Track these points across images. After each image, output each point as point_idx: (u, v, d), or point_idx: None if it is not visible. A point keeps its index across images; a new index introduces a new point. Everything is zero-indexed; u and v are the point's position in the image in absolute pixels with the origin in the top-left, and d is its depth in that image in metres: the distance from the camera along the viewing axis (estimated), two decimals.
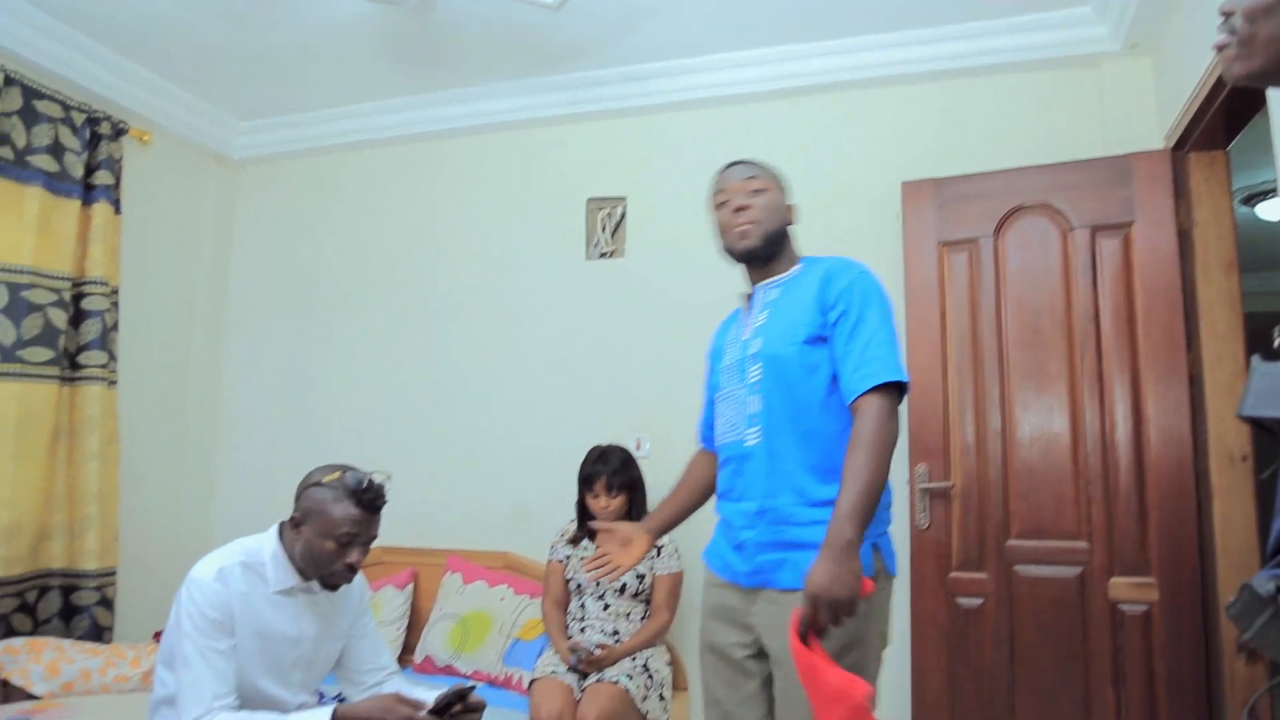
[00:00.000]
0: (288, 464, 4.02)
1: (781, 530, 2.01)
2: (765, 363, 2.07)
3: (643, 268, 3.80)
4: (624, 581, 3.19)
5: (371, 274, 4.28)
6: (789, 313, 2.09)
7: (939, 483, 3.16)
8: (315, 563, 2.13)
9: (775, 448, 2.03)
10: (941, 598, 3.13)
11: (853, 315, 2.00)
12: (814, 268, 2.14)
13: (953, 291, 3.24)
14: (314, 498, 2.13)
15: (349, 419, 4.22)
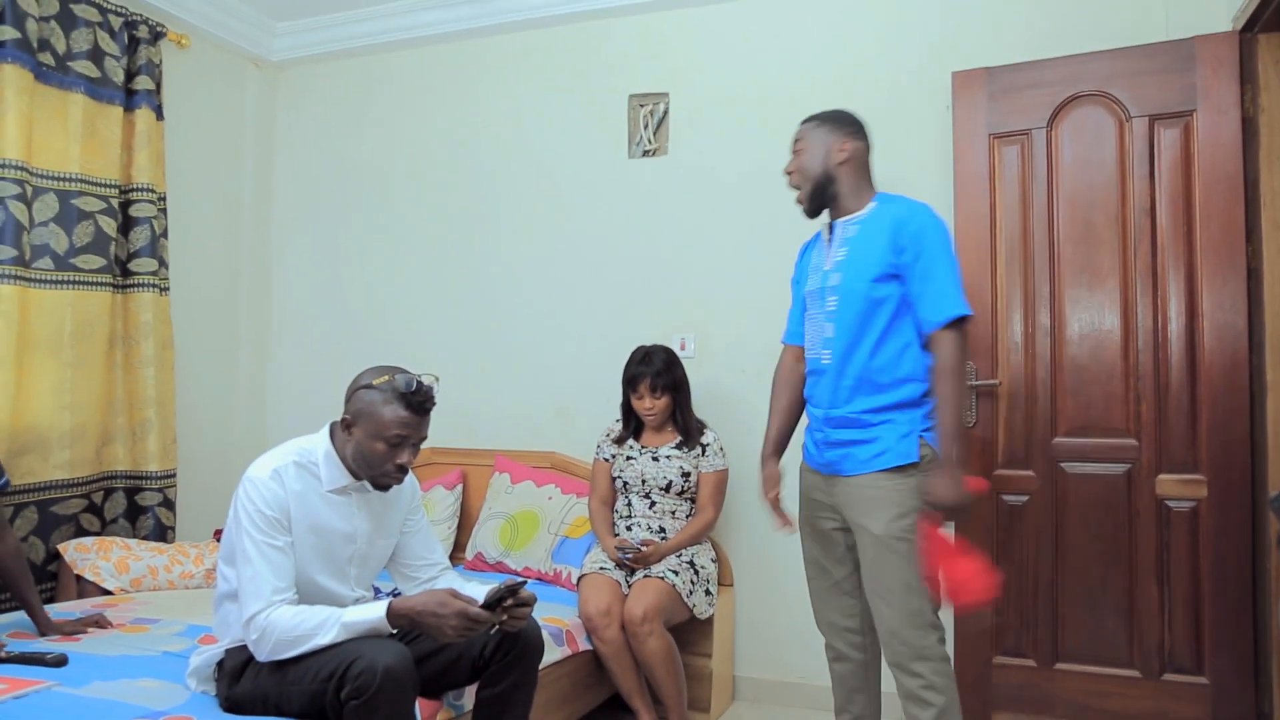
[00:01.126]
0: (337, 366, 4.13)
1: (845, 431, 2.39)
2: (841, 296, 2.39)
3: (686, 166, 3.76)
4: (669, 479, 3.23)
5: (414, 175, 4.26)
6: (864, 252, 2.37)
7: (986, 380, 3.15)
8: (367, 463, 2.15)
9: (843, 367, 2.38)
10: (990, 496, 3.13)
11: (925, 258, 2.30)
12: (887, 209, 2.40)
13: (1004, 185, 3.19)
14: (364, 400, 2.14)
15: (395, 321, 4.24)
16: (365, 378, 2.18)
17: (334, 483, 2.18)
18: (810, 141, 2.48)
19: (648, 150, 3.83)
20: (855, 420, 2.37)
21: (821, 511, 2.52)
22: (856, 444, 2.37)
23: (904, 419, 2.34)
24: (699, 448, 3.29)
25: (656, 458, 3.29)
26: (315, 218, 4.47)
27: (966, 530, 3.08)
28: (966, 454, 3.15)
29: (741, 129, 3.66)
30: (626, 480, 3.31)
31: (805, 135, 2.50)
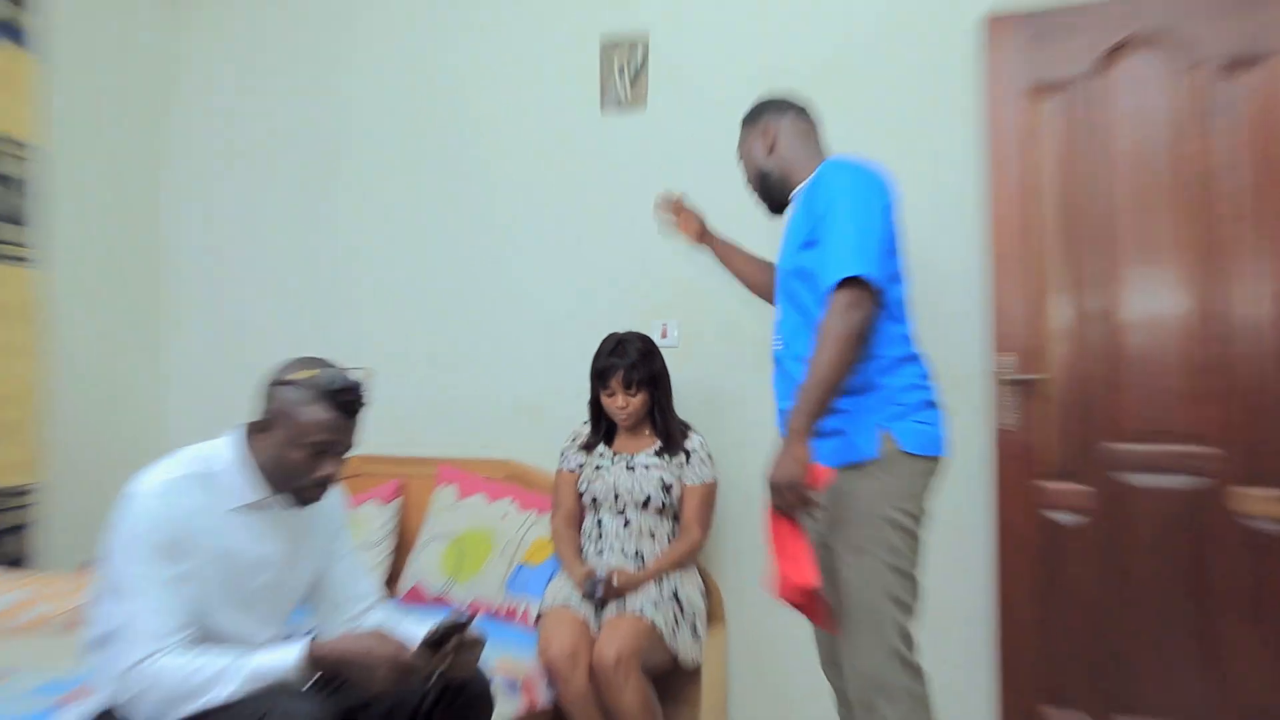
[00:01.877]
0: (249, 357, 4.12)
1: None
2: (780, 275, 2.51)
3: (668, 123, 3.71)
4: (647, 493, 3.19)
5: (345, 131, 4.17)
6: (793, 224, 2.49)
7: (1027, 375, 3.09)
8: (285, 474, 2.13)
9: (794, 352, 2.43)
10: (1032, 512, 3.08)
11: (827, 215, 2.33)
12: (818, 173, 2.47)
13: (1044, 145, 3.12)
14: (282, 398, 2.11)
15: (321, 303, 4.19)
16: (284, 371, 2.16)
17: (243, 497, 2.14)
18: (742, 150, 2.68)
19: (623, 103, 3.78)
20: None
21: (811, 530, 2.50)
22: (818, 437, 2.34)
23: (861, 407, 2.33)
24: (682, 455, 3.24)
25: (632, 467, 3.23)
26: (224, 179, 4.35)
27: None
28: (1003, 459, 3.11)
29: (736, 79, 3.55)
30: (596, 495, 3.24)
31: (739, 145, 2.70)
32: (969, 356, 3.21)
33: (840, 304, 2.24)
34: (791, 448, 2.22)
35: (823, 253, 2.31)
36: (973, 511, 3.18)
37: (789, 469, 2.21)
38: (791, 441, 2.22)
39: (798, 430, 2.22)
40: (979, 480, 3.16)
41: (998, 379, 3.10)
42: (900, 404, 2.34)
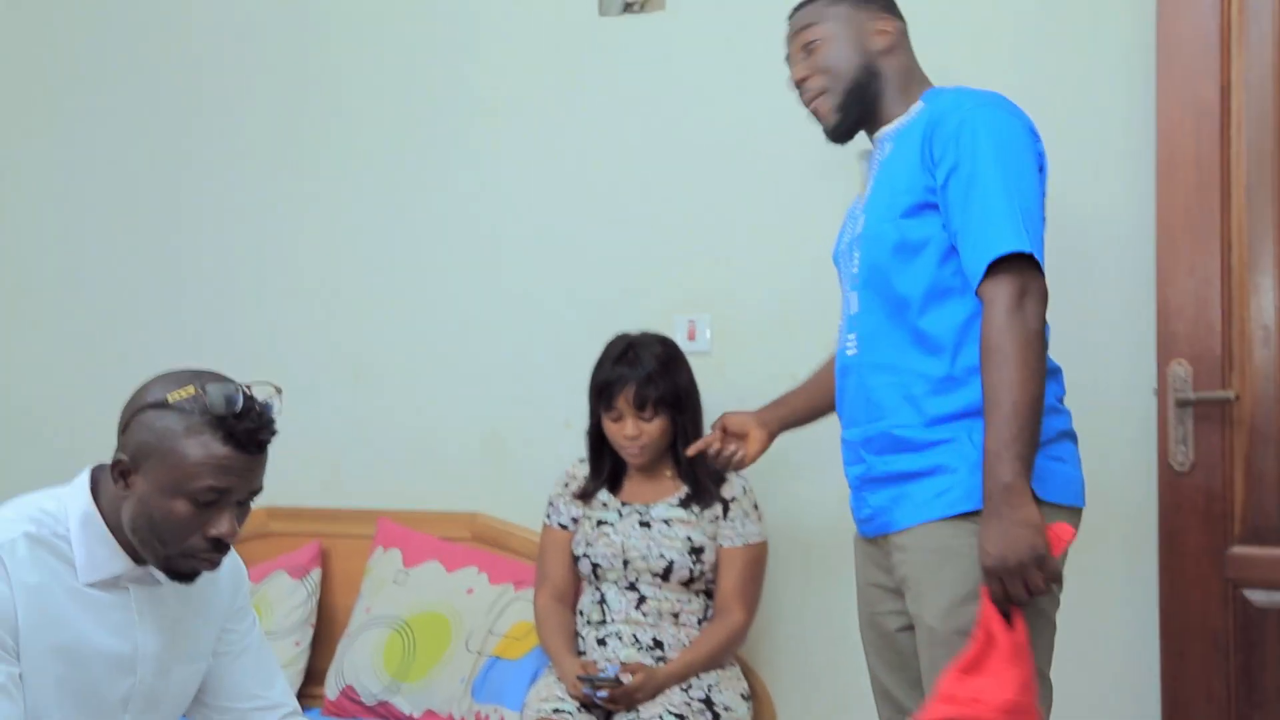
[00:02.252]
0: (103, 372, 4.06)
1: (891, 461, 2.47)
2: (864, 249, 2.54)
3: (694, 30, 3.70)
4: (669, 558, 3.19)
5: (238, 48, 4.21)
6: (892, 176, 2.51)
7: (1209, 392, 3.06)
8: (159, 535, 2.11)
9: (876, 358, 2.49)
10: (1216, 587, 3.05)
11: (964, 171, 2.36)
12: (929, 109, 2.51)
13: (1247, 49, 3.08)
14: (153, 428, 2.10)
15: (205, 293, 4.20)
16: (154, 390, 2.15)
17: (97, 570, 2.14)
18: (829, 26, 2.60)
19: (631, 3, 3.78)
20: (903, 441, 2.44)
21: (883, 602, 2.58)
22: (910, 478, 2.42)
23: (974, 435, 2.35)
24: (718, 506, 3.27)
25: (647, 523, 3.25)
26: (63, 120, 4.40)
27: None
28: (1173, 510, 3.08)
29: None
30: (597, 561, 3.26)
31: (818, 17, 2.62)
32: (1121, 365, 3.20)
33: (1009, 295, 2.28)
34: (1015, 509, 2.21)
35: (969, 222, 2.34)
36: (1129, 586, 3.17)
37: (1023, 540, 2.20)
38: (1012, 500, 2.21)
39: (1013, 484, 2.21)
40: (1138, 542, 3.16)
41: (1169, 398, 3.07)
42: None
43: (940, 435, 2.39)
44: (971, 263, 2.33)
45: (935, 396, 2.40)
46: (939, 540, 2.36)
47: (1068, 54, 3.27)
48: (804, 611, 3.51)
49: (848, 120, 2.61)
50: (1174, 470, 3.08)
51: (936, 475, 2.38)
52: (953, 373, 2.39)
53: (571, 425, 3.49)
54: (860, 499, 2.56)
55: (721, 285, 3.64)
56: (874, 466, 2.49)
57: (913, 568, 2.41)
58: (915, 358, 2.43)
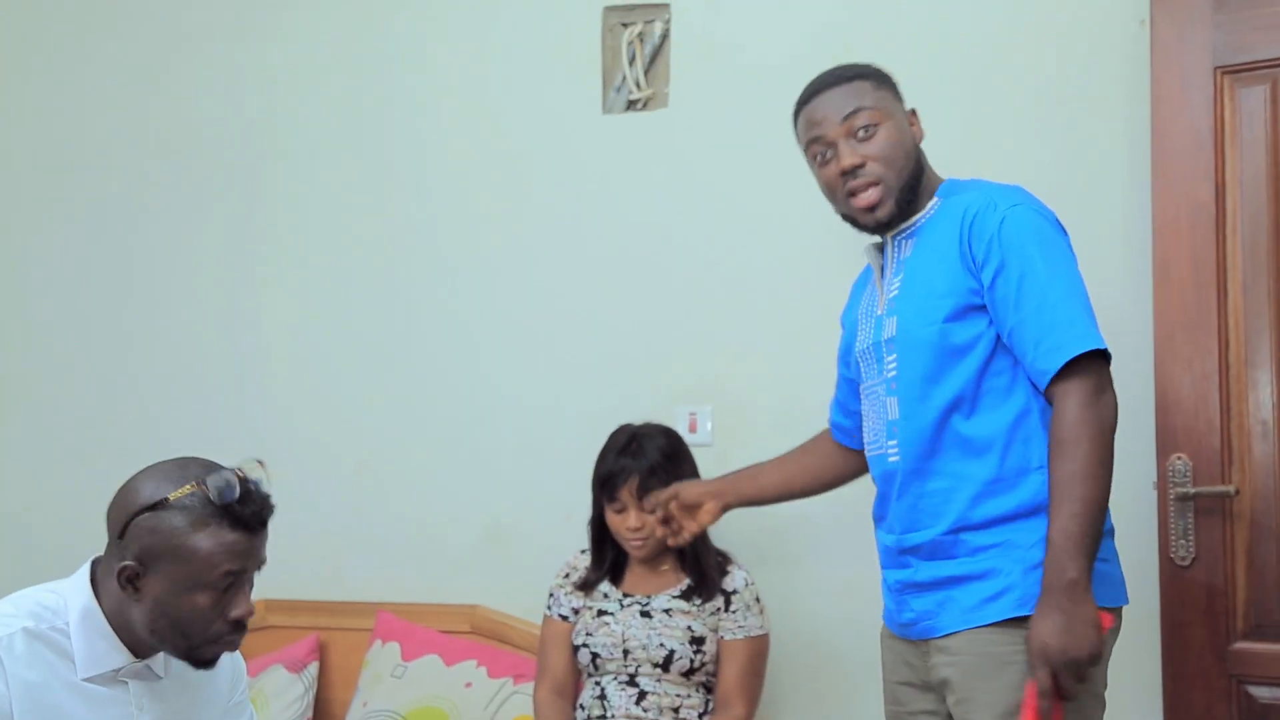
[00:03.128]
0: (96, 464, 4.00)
1: (936, 565, 2.45)
2: (902, 352, 2.50)
3: (696, 126, 3.73)
4: (670, 649, 3.17)
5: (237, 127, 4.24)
6: (926, 278, 2.49)
7: (1209, 487, 3.05)
8: (182, 631, 2.13)
9: (921, 465, 2.46)
10: (1219, 683, 3.02)
11: (1014, 269, 2.36)
12: (953, 204, 2.50)
13: (1240, 149, 3.10)
14: (158, 530, 2.10)
15: (208, 390, 4.21)
16: (147, 490, 2.15)
17: (96, 665, 2.14)
18: (883, 111, 2.57)
19: (635, 100, 3.83)
20: (952, 545, 2.43)
21: (914, 701, 2.56)
22: (957, 582, 2.41)
23: (1030, 537, 2.36)
24: (720, 597, 3.25)
25: (648, 613, 3.24)
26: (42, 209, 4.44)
27: None
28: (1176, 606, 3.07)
29: (789, 67, 3.44)
30: (598, 652, 3.24)
31: (869, 100, 2.56)
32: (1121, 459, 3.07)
33: (1086, 389, 2.29)
34: (1078, 605, 2.21)
35: (1032, 321, 2.34)
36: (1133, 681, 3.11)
37: (1086, 638, 2.21)
38: (1076, 596, 2.21)
39: (1079, 581, 2.22)
40: (1140, 637, 3.10)
41: (1167, 493, 3.08)
42: None
43: (990, 540, 2.38)
44: (1042, 361, 2.32)
45: (985, 500, 2.39)
46: (990, 646, 2.35)
47: (1064, 153, 3.29)
48: (805, 706, 3.47)
49: (896, 215, 2.56)
50: (1175, 564, 3.08)
51: (987, 579, 2.37)
52: (1002, 474, 2.39)
53: (572, 518, 3.46)
54: (902, 602, 2.53)
55: (723, 377, 3.63)
56: (920, 571, 2.47)
57: (959, 671, 2.39)
58: (962, 461, 2.42)
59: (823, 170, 2.59)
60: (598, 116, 3.83)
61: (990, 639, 2.35)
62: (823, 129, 2.57)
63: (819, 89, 2.60)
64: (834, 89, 2.58)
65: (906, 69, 3.20)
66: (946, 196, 2.56)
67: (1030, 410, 2.40)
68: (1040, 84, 3.35)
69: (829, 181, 2.59)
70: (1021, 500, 2.36)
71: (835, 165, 2.55)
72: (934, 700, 2.51)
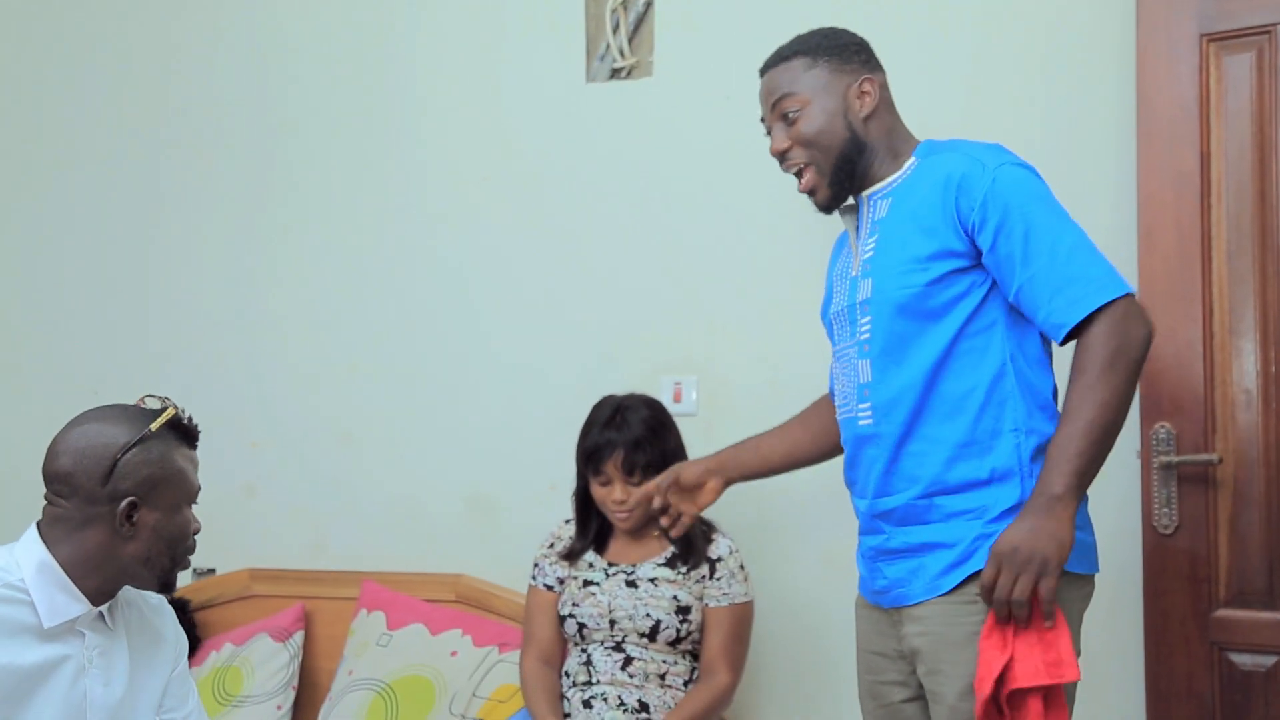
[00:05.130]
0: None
1: (911, 532, 2.45)
2: (876, 314, 2.48)
3: (681, 95, 3.72)
4: (656, 618, 3.18)
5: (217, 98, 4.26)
6: (903, 237, 2.46)
7: (1193, 455, 3.05)
8: (173, 551, 2.30)
9: (894, 429, 2.45)
10: (1201, 652, 3.04)
11: (1016, 226, 2.33)
12: (932, 164, 2.48)
13: (1225, 119, 3.09)
14: (150, 461, 2.24)
15: (194, 357, 4.21)
16: (116, 433, 2.24)
17: (58, 615, 2.20)
18: (809, 93, 2.55)
19: (619, 69, 3.81)
20: (925, 510, 2.43)
21: (886, 671, 2.57)
22: (929, 549, 2.41)
23: (1004, 502, 2.37)
24: (705, 565, 3.25)
25: (633, 582, 3.24)
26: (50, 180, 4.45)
27: None
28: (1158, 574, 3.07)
29: (774, 35, 3.44)
30: (584, 622, 3.25)
31: (795, 85, 2.56)
32: None
33: (1112, 321, 2.27)
34: (1052, 518, 2.21)
35: (1047, 278, 2.31)
36: (1114, 650, 3.15)
37: (1047, 544, 2.19)
38: (1055, 511, 2.21)
39: (1062, 497, 2.22)
40: (1122, 606, 3.14)
41: (1150, 461, 3.08)
42: None
43: (964, 505, 2.38)
44: (1058, 315, 2.30)
45: (957, 463, 2.39)
46: (957, 616, 2.34)
47: (1049, 121, 3.28)
48: (789, 673, 3.49)
49: (837, 194, 2.57)
50: (1158, 533, 3.09)
51: (953, 547, 2.37)
52: (975, 437, 2.38)
53: (556, 487, 3.47)
54: (875, 569, 2.53)
55: (707, 347, 3.64)
56: (893, 537, 2.47)
57: (930, 641, 2.39)
58: (935, 424, 2.41)
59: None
60: (582, 85, 3.83)
61: (956, 609, 2.35)
62: (763, 111, 2.65)
63: (763, 69, 2.66)
64: (772, 70, 2.62)
65: (893, 37, 3.21)
66: (923, 157, 2.54)
67: (1005, 373, 2.39)
68: (1026, 52, 3.34)
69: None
70: (995, 464, 2.36)
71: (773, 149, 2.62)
72: (905, 670, 2.52)
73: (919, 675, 2.44)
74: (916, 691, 2.50)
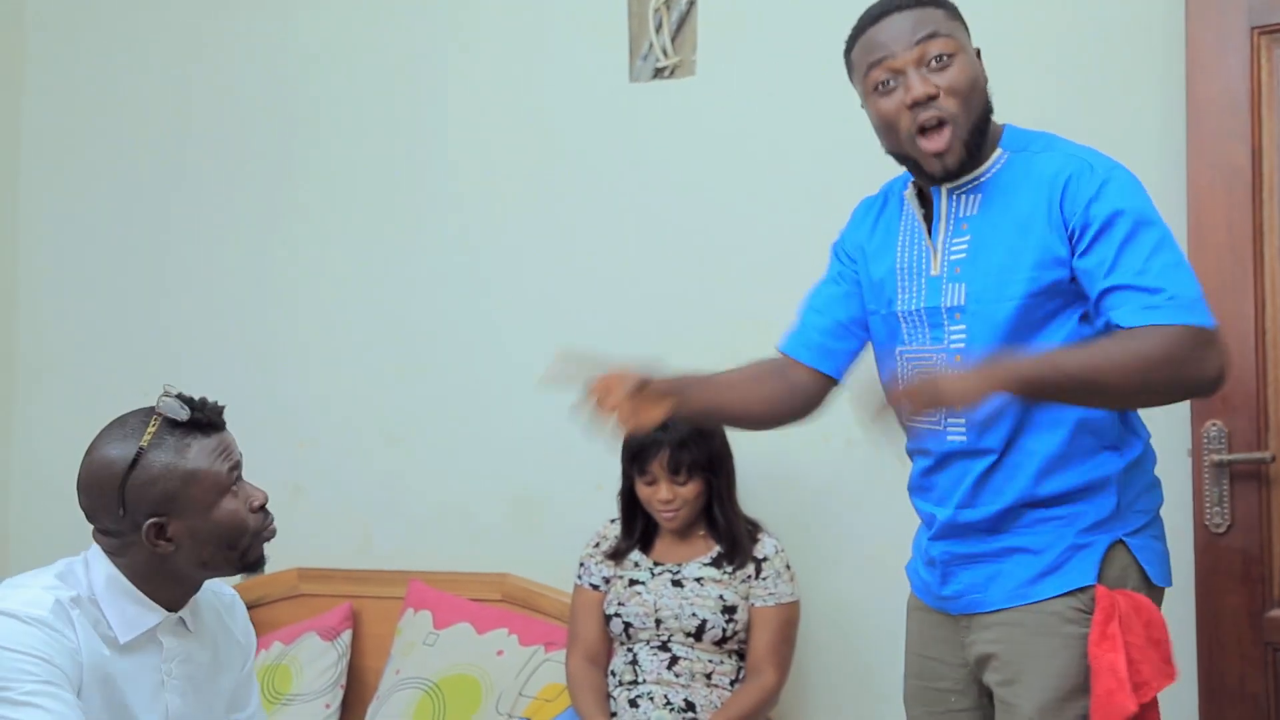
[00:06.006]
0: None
1: (993, 540, 2.37)
2: (973, 323, 2.34)
3: (725, 94, 3.70)
4: (702, 618, 3.18)
5: (268, 111, 4.25)
6: (1009, 244, 2.30)
7: (1245, 454, 3.02)
8: (229, 542, 2.23)
9: (994, 445, 2.34)
10: (1255, 653, 3.01)
11: (1123, 222, 2.19)
12: (1029, 161, 2.33)
13: (1277, 111, 3.07)
14: (154, 477, 2.16)
15: (243, 359, 4.21)
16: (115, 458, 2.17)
17: (132, 628, 2.18)
18: (959, 41, 2.32)
19: (662, 68, 3.79)
20: (1012, 520, 2.35)
21: (944, 680, 2.51)
22: (1009, 553, 2.35)
23: (1094, 513, 2.31)
24: (751, 565, 3.25)
25: (679, 582, 3.24)
26: (91, 191, 4.42)
27: None
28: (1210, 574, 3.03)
29: (818, 34, 3.44)
30: (629, 621, 3.25)
31: (945, 28, 2.31)
32: (1155, 426, 3.10)
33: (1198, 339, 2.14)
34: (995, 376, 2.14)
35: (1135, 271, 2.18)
36: None
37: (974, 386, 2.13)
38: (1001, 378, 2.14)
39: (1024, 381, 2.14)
40: (1175, 605, 3.06)
41: (1202, 459, 3.05)
42: (1145, 511, 2.35)
43: (1047, 515, 2.32)
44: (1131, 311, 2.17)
45: (1050, 476, 2.30)
46: (1048, 626, 2.29)
47: (1097, 116, 3.23)
48: (833, 674, 3.48)
49: (964, 164, 2.32)
50: (1210, 532, 3.05)
51: (1042, 554, 2.31)
52: (1070, 450, 2.30)
53: (602, 487, 3.46)
54: (945, 573, 2.43)
55: (754, 347, 3.54)
56: (963, 546, 2.39)
57: (1009, 649, 2.32)
58: (1032, 438, 2.31)
59: (883, 100, 2.31)
60: (625, 85, 3.81)
61: (1044, 620, 2.29)
62: (889, 51, 2.28)
63: (887, 9, 2.31)
64: (905, 11, 2.29)
65: None
66: (1015, 151, 2.36)
67: None
68: (1073, 45, 3.31)
69: (890, 114, 2.30)
70: (1089, 477, 2.31)
71: (902, 95, 2.27)
72: (964, 678, 2.46)
73: (989, 683, 2.38)
74: (976, 701, 2.46)
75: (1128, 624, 2.21)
